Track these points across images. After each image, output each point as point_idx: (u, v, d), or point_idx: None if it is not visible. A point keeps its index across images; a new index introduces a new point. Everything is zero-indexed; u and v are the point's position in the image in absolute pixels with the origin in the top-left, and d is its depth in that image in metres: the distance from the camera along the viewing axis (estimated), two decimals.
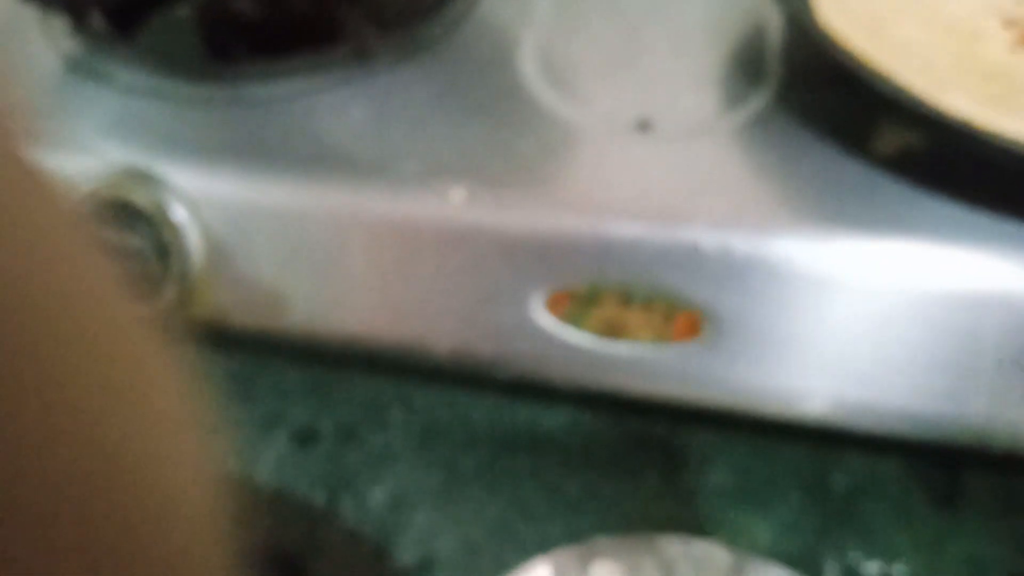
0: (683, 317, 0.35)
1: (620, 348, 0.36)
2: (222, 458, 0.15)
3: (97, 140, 0.38)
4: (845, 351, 0.35)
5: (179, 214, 0.36)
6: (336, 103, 0.39)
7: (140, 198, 0.36)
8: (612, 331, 0.36)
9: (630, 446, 0.44)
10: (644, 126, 0.38)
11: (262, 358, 0.47)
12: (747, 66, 0.41)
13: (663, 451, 0.44)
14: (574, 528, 0.41)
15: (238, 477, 0.44)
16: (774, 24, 0.43)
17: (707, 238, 0.34)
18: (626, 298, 0.35)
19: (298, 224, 0.36)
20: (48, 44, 0.42)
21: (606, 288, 0.35)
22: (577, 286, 0.35)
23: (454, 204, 0.35)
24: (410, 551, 0.41)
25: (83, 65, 0.41)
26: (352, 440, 0.45)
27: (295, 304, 0.37)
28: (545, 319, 0.36)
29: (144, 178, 0.36)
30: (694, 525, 0.42)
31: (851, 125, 0.38)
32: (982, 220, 0.34)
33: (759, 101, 0.39)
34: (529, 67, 0.41)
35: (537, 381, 0.38)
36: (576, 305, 0.36)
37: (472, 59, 0.42)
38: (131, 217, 0.36)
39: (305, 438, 0.45)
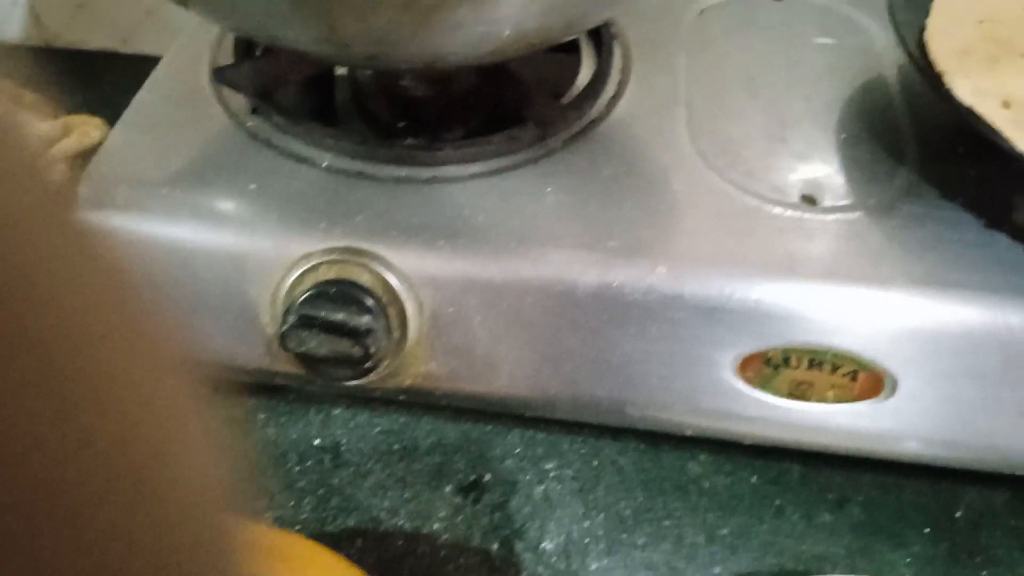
0: (866, 377, 0.39)
1: (807, 409, 0.39)
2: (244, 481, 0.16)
3: (303, 218, 0.40)
4: (1006, 406, 0.39)
5: (399, 291, 0.39)
6: (528, 181, 0.42)
7: (364, 277, 0.38)
8: (799, 392, 0.39)
9: (771, 487, 0.48)
10: (810, 200, 0.42)
11: (418, 416, 0.50)
12: (888, 138, 0.45)
13: (802, 491, 0.48)
14: (737, 567, 0.45)
15: (411, 531, 0.46)
16: (906, 95, 0.48)
17: (888, 303, 0.38)
18: (815, 361, 0.39)
19: (508, 297, 0.39)
20: (231, 119, 0.45)
21: (795, 352, 0.39)
22: (767, 350, 0.39)
23: (655, 278, 0.39)
24: None
25: (271, 142, 0.43)
26: (514, 491, 0.47)
27: (501, 371, 0.40)
28: (735, 382, 0.39)
29: (366, 257, 0.39)
30: (844, 561, 0.45)
31: (991, 197, 0.42)
32: None
33: (905, 175, 0.43)
34: (689, 145, 0.44)
35: (722, 439, 0.41)
36: (767, 368, 0.39)
37: (633, 139, 0.45)
38: (353, 296, 0.38)
39: (470, 490, 0.47)
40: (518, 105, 0.44)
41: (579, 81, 0.49)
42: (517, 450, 0.49)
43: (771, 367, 0.39)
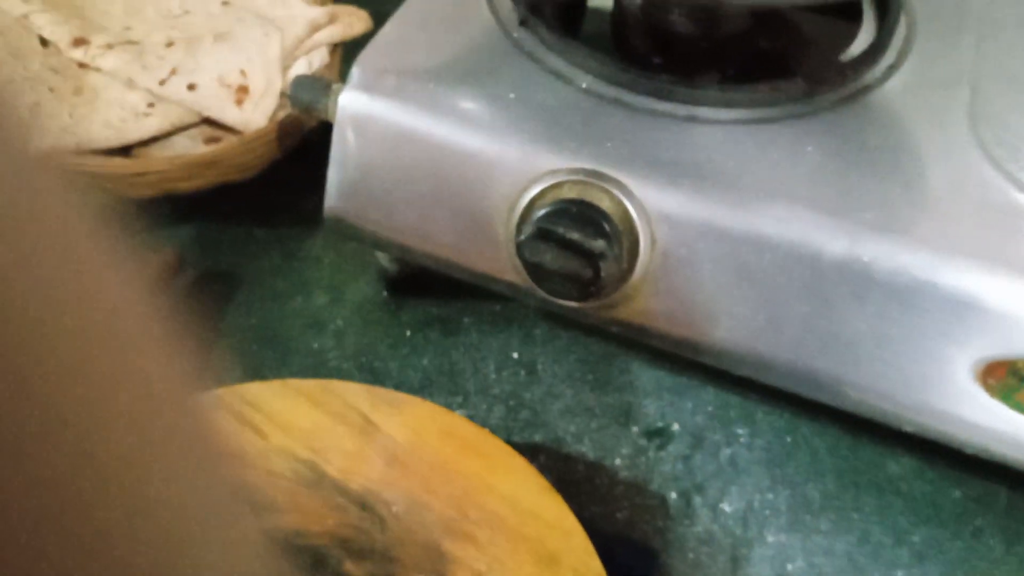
0: None
1: None
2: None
3: (555, 135, 0.40)
4: None
5: (636, 222, 0.38)
6: (788, 137, 0.40)
7: (605, 202, 0.38)
8: None
9: (973, 504, 0.45)
10: None
11: (614, 352, 0.50)
12: None
13: (1006, 516, 0.45)
14: None
15: (593, 459, 0.46)
16: None
17: None
18: None
19: (745, 250, 0.38)
20: (499, 27, 0.45)
21: None
22: (1017, 360, 0.36)
23: (909, 259, 0.36)
24: (763, 569, 0.43)
25: (534, 55, 0.44)
26: (701, 447, 0.47)
27: (720, 323, 0.39)
28: (973, 387, 0.37)
29: (610, 183, 0.38)
30: None
31: None
32: None
33: None
34: (967, 130, 0.41)
35: (940, 443, 0.39)
36: (1012, 379, 0.36)
37: (907, 112, 0.42)
38: (592, 218, 0.38)
39: (656, 436, 0.47)
40: (789, 57, 0.43)
41: (854, 48, 0.47)
42: (709, 408, 0.48)
43: (1017, 378, 0.36)
